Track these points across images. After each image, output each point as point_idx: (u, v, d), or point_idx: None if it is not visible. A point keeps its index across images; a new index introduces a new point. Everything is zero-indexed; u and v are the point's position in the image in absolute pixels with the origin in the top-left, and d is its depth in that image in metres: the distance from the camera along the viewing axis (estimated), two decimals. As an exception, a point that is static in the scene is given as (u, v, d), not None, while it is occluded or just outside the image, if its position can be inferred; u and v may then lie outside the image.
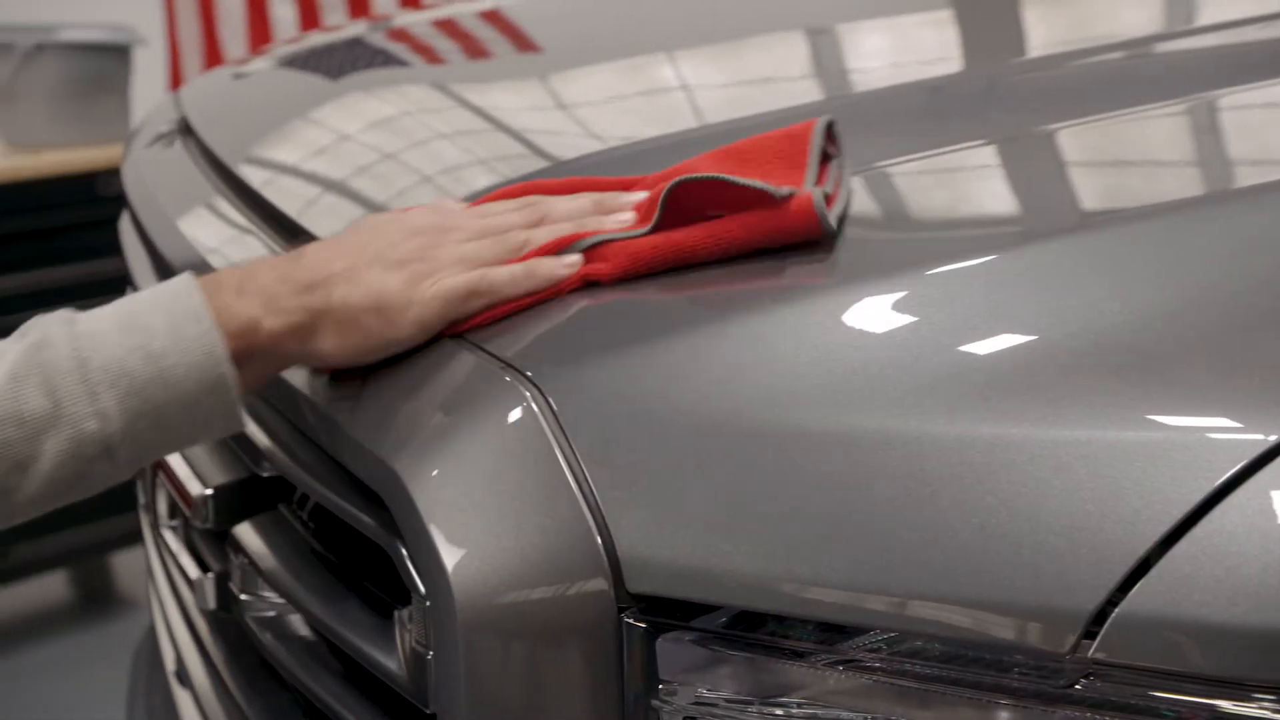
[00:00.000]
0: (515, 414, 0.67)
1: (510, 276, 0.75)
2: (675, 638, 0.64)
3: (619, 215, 0.79)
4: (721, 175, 0.74)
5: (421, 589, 0.68)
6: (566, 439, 0.66)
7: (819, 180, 0.79)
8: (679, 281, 0.76)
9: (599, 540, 0.64)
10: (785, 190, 0.74)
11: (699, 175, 0.75)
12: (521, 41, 1.47)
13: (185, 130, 1.28)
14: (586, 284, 0.76)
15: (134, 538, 2.80)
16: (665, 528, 0.63)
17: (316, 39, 1.64)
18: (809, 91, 1.12)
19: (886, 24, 1.26)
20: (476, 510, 0.66)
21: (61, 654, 2.73)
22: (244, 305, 0.74)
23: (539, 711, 0.65)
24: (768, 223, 0.74)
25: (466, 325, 0.75)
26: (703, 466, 0.64)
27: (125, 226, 1.33)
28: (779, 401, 0.65)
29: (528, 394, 0.68)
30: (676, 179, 0.75)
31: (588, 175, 0.87)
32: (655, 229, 0.76)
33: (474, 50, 1.47)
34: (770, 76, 1.17)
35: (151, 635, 1.51)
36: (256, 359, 0.74)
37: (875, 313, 0.69)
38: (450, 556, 0.65)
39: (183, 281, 0.74)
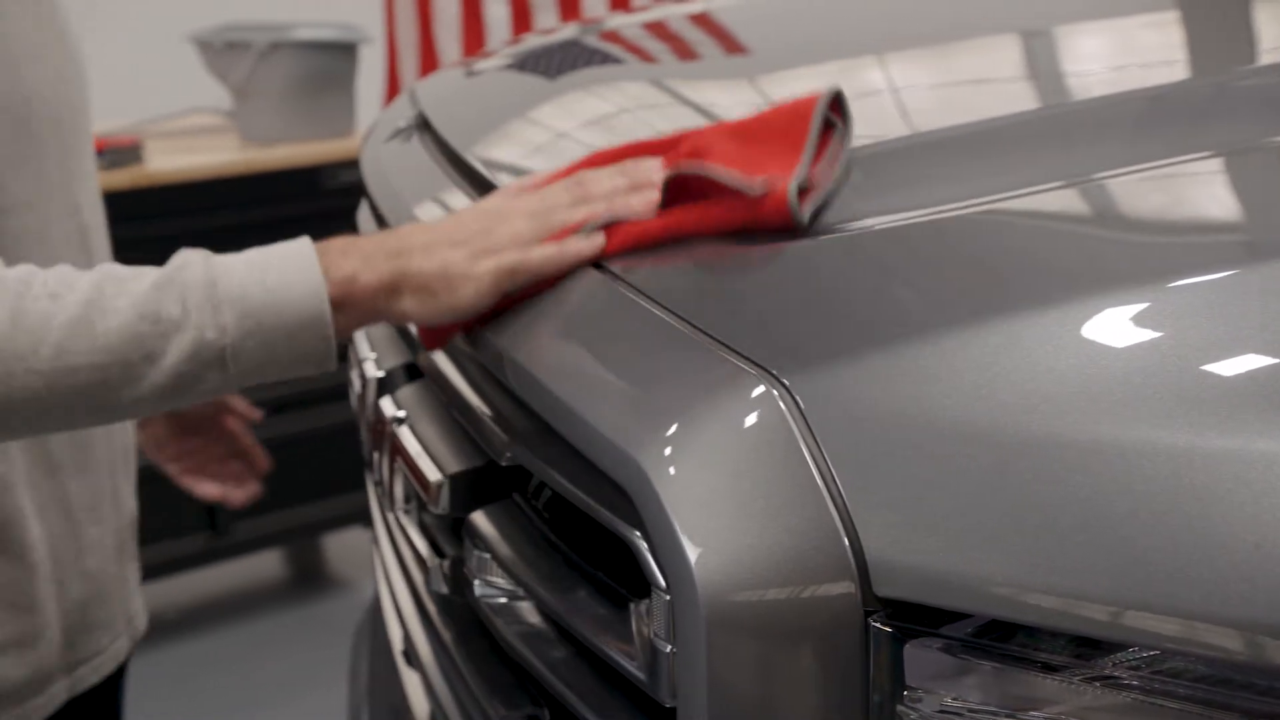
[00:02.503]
0: (762, 412, 0.67)
1: (544, 257, 0.88)
2: (923, 644, 0.63)
3: (645, 194, 0.90)
4: (708, 171, 0.85)
5: (663, 583, 0.68)
6: (815, 439, 0.66)
7: (815, 160, 0.88)
8: (927, 283, 0.75)
9: (846, 542, 0.64)
10: (759, 187, 0.84)
11: (691, 170, 0.87)
12: (730, 43, 1.47)
13: (422, 125, 1.32)
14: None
15: (347, 519, 2.90)
16: (915, 532, 0.63)
17: (535, 41, 1.67)
18: (1022, 98, 1.09)
19: (1105, 27, 1.22)
20: (721, 507, 0.66)
21: (279, 628, 2.85)
22: (345, 262, 0.89)
23: (780, 711, 0.65)
24: (747, 212, 0.84)
25: (520, 297, 0.89)
26: (956, 471, 0.63)
27: (363, 216, 1.38)
28: (1036, 408, 0.63)
29: (775, 393, 0.68)
30: (671, 172, 0.88)
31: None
32: (659, 212, 0.88)
33: (685, 51, 1.48)
34: (983, 81, 1.14)
35: (372, 614, 1.56)
36: (351, 307, 0.89)
37: (1135, 321, 0.67)
38: (694, 552, 0.65)
39: (304, 240, 0.90)
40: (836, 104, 0.93)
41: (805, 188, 0.85)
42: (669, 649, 0.68)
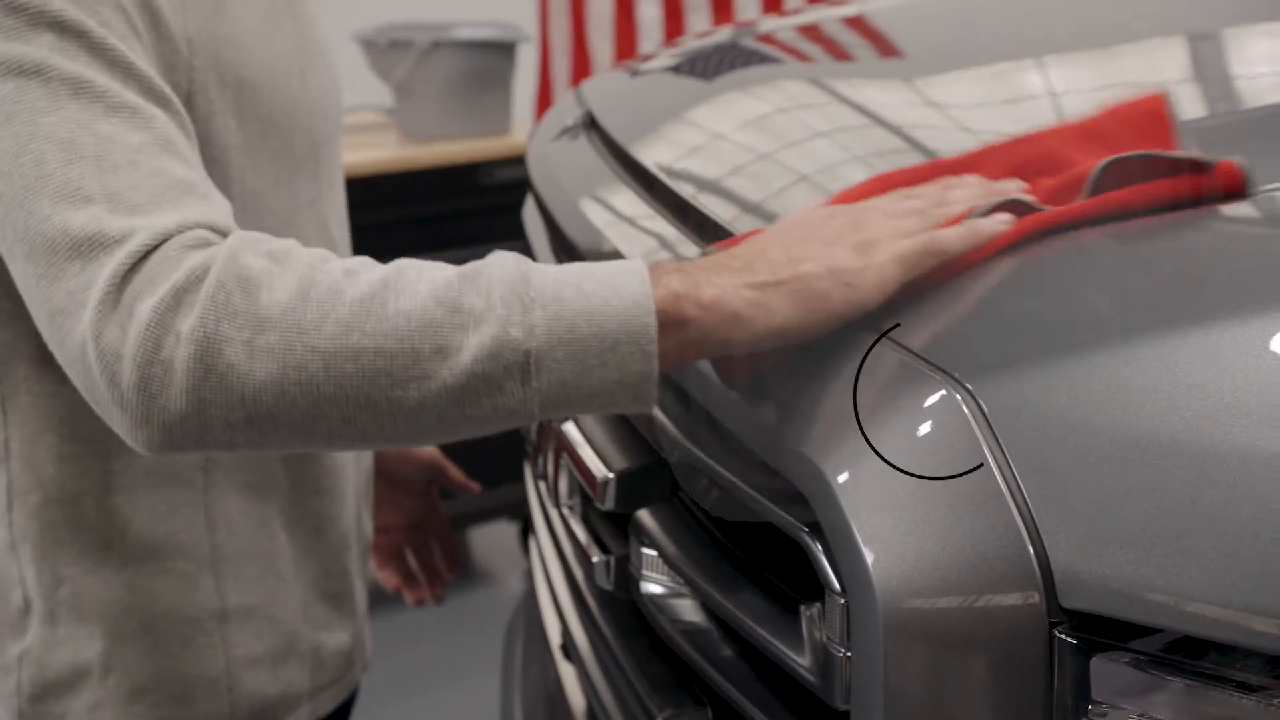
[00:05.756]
0: (945, 417, 0.66)
1: (957, 236, 0.78)
2: (1111, 658, 0.61)
3: (1009, 193, 0.82)
4: (1152, 152, 0.81)
5: (838, 586, 0.67)
6: (1000, 445, 0.65)
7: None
8: (1115, 291, 0.73)
9: (1032, 551, 0.63)
10: (1209, 160, 0.80)
11: (1129, 155, 0.81)
12: (885, 46, 1.45)
13: (589, 124, 1.33)
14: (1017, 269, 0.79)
15: (493, 513, 2.94)
16: (1105, 544, 0.61)
17: (695, 43, 1.68)
18: (1190, 103, 1.05)
19: (1271, 30, 1.17)
20: (902, 512, 0.65)
21: (425, 619, 2.88)
22: (675, 279, 0.76)
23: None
24: (1193, 184, 0.80)
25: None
26: (1148, 483, 0.61)
27: (529, 213, 1.40)
28: (1235, 421, 0.61)
29: (958, 397, 0.67)
30: (1108, 159, 0.80)
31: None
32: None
33: (842, 54, 1.48)
34: (1145, 83, 1.10)
35: (524, 607, 1.57)
36: (682, 326, 0.75)
37: (1340, 332, 0.65)
38: (874, 556, 0.65)
39: (634, 259, 0.78)
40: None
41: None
42: (843, 653, 0.68)
